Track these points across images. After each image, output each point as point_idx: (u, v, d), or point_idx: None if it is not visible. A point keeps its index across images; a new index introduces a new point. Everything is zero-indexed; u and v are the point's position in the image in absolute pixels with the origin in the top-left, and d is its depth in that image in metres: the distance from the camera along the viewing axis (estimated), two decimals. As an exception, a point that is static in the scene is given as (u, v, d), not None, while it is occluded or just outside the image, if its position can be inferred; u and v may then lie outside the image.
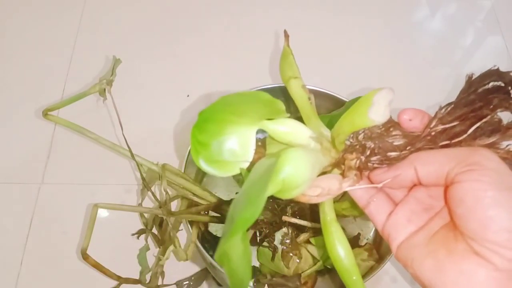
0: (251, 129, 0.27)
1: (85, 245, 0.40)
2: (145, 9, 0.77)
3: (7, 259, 0.56)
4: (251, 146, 0.27)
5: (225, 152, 0.26)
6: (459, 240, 0.22)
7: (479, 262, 0.21)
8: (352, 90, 0.67)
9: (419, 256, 0.23)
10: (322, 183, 0.26)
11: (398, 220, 0.25)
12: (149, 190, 0.45)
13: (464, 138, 0.23)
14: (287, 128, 0.27)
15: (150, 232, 0.50)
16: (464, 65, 0.74)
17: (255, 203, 0.21)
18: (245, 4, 0.78)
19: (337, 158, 0.27)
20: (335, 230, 0.28)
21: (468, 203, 0.21)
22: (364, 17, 0.77)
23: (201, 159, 0.26)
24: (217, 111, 0.27)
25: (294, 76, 0.32)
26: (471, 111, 0.23)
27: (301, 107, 0.31)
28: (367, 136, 0.25)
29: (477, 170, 0.21)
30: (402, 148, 0.24)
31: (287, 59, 0.34)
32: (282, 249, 0.49)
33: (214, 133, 0.26)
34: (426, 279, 0.22)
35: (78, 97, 0.43)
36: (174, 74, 0.71)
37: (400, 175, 0.24)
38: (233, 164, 0.26)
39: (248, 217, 0.20)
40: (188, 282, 0.54)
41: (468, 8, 0.79)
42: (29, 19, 0.76)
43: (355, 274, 0.27)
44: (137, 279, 0.46)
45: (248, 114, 0.27)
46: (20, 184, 0.61)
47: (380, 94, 0.24)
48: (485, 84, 0.23)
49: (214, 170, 0.26)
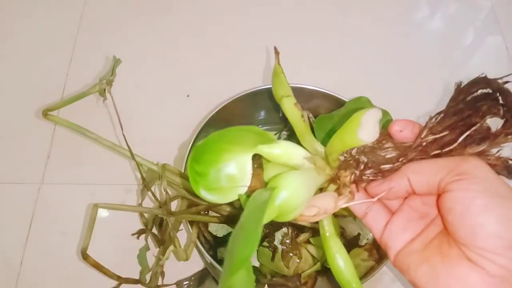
0: (247, 155, 0.28)
1: (85, 245, 0.40)
2: (145, 9, 0.77)
3: (7, 259, 0.56)
4: (248, 170, 0.28)
5: (223, 178, 0.28)
6: (452, 246, 0.22)
7: (472, 267, 0.21)
8: (352, 90, 0.67)
9: (415, 263, 0.24)
10: (318, 203, 0.26)
11: (395, 229, 0.26)
12: (149, 190, 0.45)
13: (454, 147, 0.24)
14: (281, 150, 0.28)
15: (150, 232, 0.50)
16: (464, 65, 0.74)
17: (251, 239, 0.21)
18: (245, 4, 0.78)
19: (332, 175, 0.27)
20: (334, 244, 0.29)
21: (458, 211, 0.21)
22: (364, 17, 0.77)
23: (201, 189, 0.27)
24: (212, 142, 0.28)
25: (286, 95, 0.33)
26: (460, 120, 0.24)
27: (294, 124, 0.32)
28: (360, 151, 0.26)
29: (466, 179, 0.21)
30: (395, 160, 0.25)
31: (278, 78, 0.35)
32: (282, 249, 0.49)
33: (211, 162, 0.28)
34: (422, 284, 0.23)
35: (78, 97, 0.43)
36: (174, 74, 0.71)
37: (394, 186, 0.25)
38: (232, 189, 0.28)
39: (246, 254, 0.21)
40: (188, 282, 0.54)
41: (468, 8, 0.79)
42: (29, 19, 0.76)
43: (355, 281, 0.29)
44: (137, 279, 0.46)
45: (243, 142, 0.28)
46: (20, 184, 0.61)
47: (368, 114, 0.25)
48: (473, 92, 0.24)
49: (214, 197, 0.27)
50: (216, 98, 0.67)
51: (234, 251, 0.22)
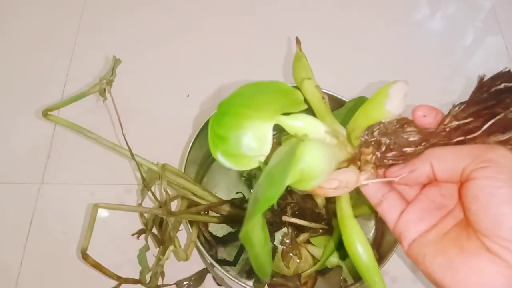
0: (268, 124, 0.27)
1: (85, 245, 0.40)
2: (145, 9, 0.77)
3: (7, 259, 0.56)
4: (268, 141, 0.27)
5: (243, 146, 0.26)
6: (471, 238, 0.22)
7: (491, 259, 0.21)
8: (352, 90, 0.67)
9: (430, 254, 0.23)
10: (339, 176, 0.26)
11: (410, 219, 0.25)
12: (149, 190, 0.45)
13: (478, 135, 0.23)
14: (303, 123, 0.27)
15: (150, 232, 0.50)
16: (464, 65, 0.74)
17: (277, 183, 0.21)
18: (246, 4, 0.78)
19: (353, 154, 0.27)
20: (353, 225, 0.28)
21: (482, 200, 0.21)
22: (364, 17, 0.77)
23: (219, 153, 0.26)
24: (234, 104, 0.26)
25: (307, 77, 0.33)
26: (484, 109, 0.23)
27: (315, 106, 0.32)
28: (382, 132, 0.25)
29: (492, 167, 0.21)
30: (417, 143, 0.24)
31: (300, 61, 0.35)
32: (282, 249, 0.49)
33: (232, 127, 0.26)
34: (437, 276, 0.23)
35: (78, 97, 0.43)
36: (174, 74, 0.71)
37: (416, 170, 0.24)
38: (250, 158, 0.26)
39: (271, 196, 0.20)
40: (188, 282, 0.54)
41: (468, 8, 0.79)
42: (29, 19, 0.76)
43: (374, 269, 0.27)
44: (137, 279, 0.46)
45: (265, 107, 0.27)
46: (20, 184, 0.61)
47: (396, 86, 0.25)
48: (496, 85, 0.23)
49: (231, 164, 0.26)
50: (216, 98, 0.67)
51: (259, 193, 0.21)
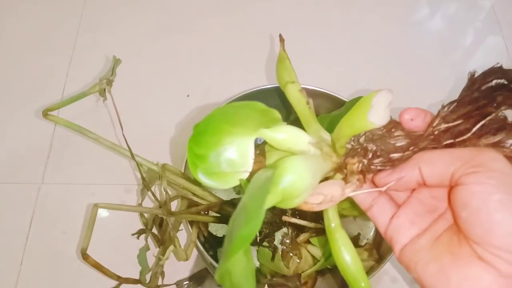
0: (249, 138, 0.26)
1: (85, 245, 0.40)
2: (145, 9, 0.77)
3: (7, 259, 0.56)
4: (250, 155, 0.26)
5: (224, 163, 0.26)
6: (463, 244, 0.21)
7: (484, 268, 0.20)
8: (352, 90, 0.67)
9: (422, 260, 0.23)
10: (324, 190, 0.25)
11: (401, 223, 0.24)
12: (149, 190, 0.45)
13: (468, 137, 0.22)
14: (285, 135, 0.26)
15: (150, 232, 0.50)
16: (464, 65, 0.74)
17: (253, 219, 0.20)
18: (245, 3, 0.78)
19: (339, 163, 0.26)
20: (340, 237, 0.27)
21: (473, 207, 0.20)
22: (364, 17, 0.77)
23: (199, 172, 0.26)
24: (212, 123, 0.26)
25: (291, 81, 0.32)
26: (475, 109, 0.22)
27: (299, 111, 0.31)
28: (369, 138, 0.24)
29: (482, 172, 0.20)
30: (405, 148, 0.23)
31: (283, 63, 0.33)
32: (282, 249, 0.49)
33: (211, 145, 0.26)
34: (430, 284, 0.22)
35: (78, 97, 0.43)
36: (174, 74, 0.71)
37: (404, 176, 0.23)
38: (232, 175, 0.26)
39: (247, 235, 0.19)
40: (188, 282, 0.54)
41: (468, 8, 0.79)
42: (29, 19, 0.76)
43: (363, 278, 0.27)
44: (137, 279, 0.46)
45: (244, 123, 0.26)
46: (20, 184, 0.61)
47: (379, 95, 0.23)
48: (488, 82, 0.22)
49: (213, 183, 0.26)
50: (216, 98, 0.67)
51: (234, 230, 0.20)
